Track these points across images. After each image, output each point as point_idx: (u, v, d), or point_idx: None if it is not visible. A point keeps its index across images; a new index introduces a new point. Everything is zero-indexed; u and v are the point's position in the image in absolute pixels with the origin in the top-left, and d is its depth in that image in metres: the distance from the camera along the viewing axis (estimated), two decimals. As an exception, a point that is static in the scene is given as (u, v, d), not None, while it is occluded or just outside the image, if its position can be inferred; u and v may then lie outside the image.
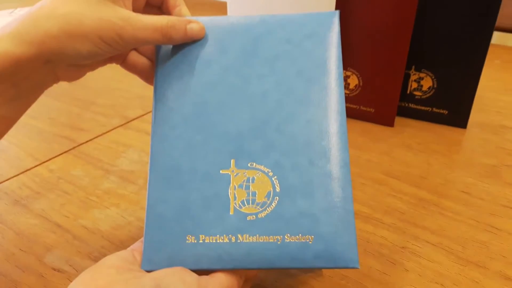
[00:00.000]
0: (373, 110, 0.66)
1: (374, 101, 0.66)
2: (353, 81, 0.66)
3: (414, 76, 0.65)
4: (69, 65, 0.36)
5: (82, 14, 0.33)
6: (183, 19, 0.37)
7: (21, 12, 1.12)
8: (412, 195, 0.51)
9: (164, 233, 0.33)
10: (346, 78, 0.66)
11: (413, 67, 0.64)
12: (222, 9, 0.72)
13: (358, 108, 0.67)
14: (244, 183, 0.34)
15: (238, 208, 0.33)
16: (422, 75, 0.64)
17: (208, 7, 1.26)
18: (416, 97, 0.66)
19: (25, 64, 0.32)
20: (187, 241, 0.33)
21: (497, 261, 0.41)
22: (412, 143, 0.61)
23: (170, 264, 0.32)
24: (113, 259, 0.31)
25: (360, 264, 0.41)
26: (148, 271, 0.32)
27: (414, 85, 0.65)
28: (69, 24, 0.32)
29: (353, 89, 0.66)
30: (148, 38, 0.35)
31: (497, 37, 1.06)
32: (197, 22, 0.38)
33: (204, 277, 0.31)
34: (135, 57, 0.41)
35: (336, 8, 0.59)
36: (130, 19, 0.34)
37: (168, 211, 0.34)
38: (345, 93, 0.67)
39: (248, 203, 0.34)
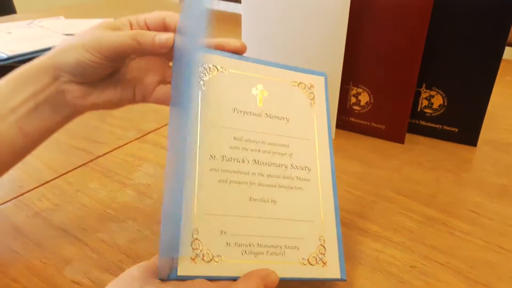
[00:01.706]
0: (383, 127, 0.67)
1: (385, 118, 0.67)
2: (364, 98, 0.67)
3: (424, 94, 0.66)
4: (76, 85, 0.43)
5: (80, 36, 0.42)
6: (154, 32, 0.43)
7: (40, 23, 1.15)
8: (421, 213, 0.51)
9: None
10: (357, 95, 0.67)
11: (424, 85, 0.65)
12: (237, 21, 0.74)
13: (369, 124, 0.68)
14: None
15: None
16: (432, 93, 0.65)
17: (222, 19, 1.28)
18: (427, 114, 0.67)
19: (40, 72, 0.42)
20: None
21: (506, 282, 0.42)
22: (422, 160, 0.62)
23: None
24: (135, 271, 0.33)
25: (369, 282, 0.42)
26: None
27: (425, 102, 0.66)
28: (66, 41, 0.41)
29: (364, 106, 0.67)
30: (122, 41, 0.41)
31: (508, 53, 1.06)
32: (167, 33, 0.42)
33: None
34: (164, 90, 0.44)
35: (349, 27, 0.60)
36: (110, 32, 0.42)
37: None
38: (356, 110, 0.68)
39: None
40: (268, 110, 0.43)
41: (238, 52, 0.46)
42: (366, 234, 0.48)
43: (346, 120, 0.70)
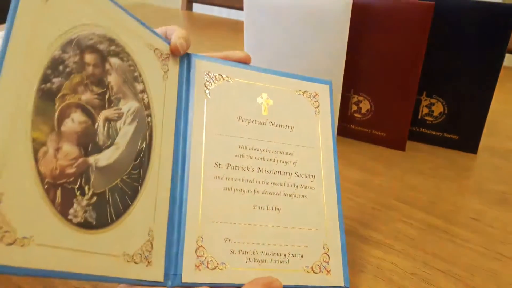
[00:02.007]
0: (384, 134, 0.67)
1: (385, 125, 0.67)
2: (365, 105, 0.67)
3: (425, 101, 0.66)
4: None
5: None
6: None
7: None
8: (422, 221, 0.52)
9: None
10: (358, 102, 0.68)
11: (424, 92, 0.66)
12: (239, 28, 0.74)
13: (370, 132, 0.68)
14: None
15: None
16: (433, 100, 0.66)
17: (225, 27, 1.29)
18: (427, 122, 0.68)
19: None
20: None
21: (506, 289, 0.42)
22: (423, 168, 0.63)
23: None
24: None
25: (371, 290, 0.42)
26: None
27: (425, 110, 0.67)
28: None
29: (365, 113, 0.68)
30: None
31: (509, 60, 1.07)
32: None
33: None
34: None
35: (350, 36, 0.60)
36: None
37: None
38: (357, 117, 0.69)
39: None
40: (272, 119, 0.44)
41: (242, 62, 0.46)
42: (367, 241, 0.48)
43: (347, 127, 0.70)
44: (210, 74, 0.43)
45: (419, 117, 0.68)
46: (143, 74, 0.39)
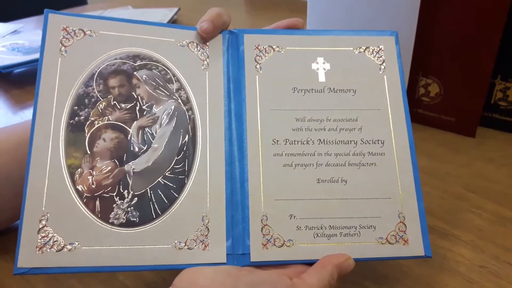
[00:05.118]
0: (454, 120, 0.65)
1: (455, 110, 0.64)
2: (434, 89, 0.65)
3: (499, 85, 0.63)
4: None
5: None
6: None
7: (109, 14, 1.20)
8: (493, 212, 0.50)
9: None
10: (426, 85, 0.65)
11: (499, 76, 0.62)
12: (301, 9, 0.73)
13: (438, 117, 0.66)
14: None
15: None
16: (508, 85, 0.62)
17: (287, 7, 1.27)
18: (501, 107, 0.64)
19: None
20: None
21: None
22: (495, 156, 0.60)
23: None
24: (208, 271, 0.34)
25: (436, 281, 0.41)
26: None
27: (499, 95, 0.63)
28: None
29: (433, 97, 0.65)
30: None
31: None
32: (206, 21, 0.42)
33: (296, 280, 0.33)
34: None
35: (420, 13, 0.58)
36: None
37: None
38: (425, 101, 0.66)
39: None
40: (331, 84, 0.42)
41: (293, 27, 0.44)
42: (433, 231, 0.47)
43: (414, 111, 0.68)
44: (259, 47, 0.42)
45: (492, 102, 0.64)
46: (177, 73, 0.41)
